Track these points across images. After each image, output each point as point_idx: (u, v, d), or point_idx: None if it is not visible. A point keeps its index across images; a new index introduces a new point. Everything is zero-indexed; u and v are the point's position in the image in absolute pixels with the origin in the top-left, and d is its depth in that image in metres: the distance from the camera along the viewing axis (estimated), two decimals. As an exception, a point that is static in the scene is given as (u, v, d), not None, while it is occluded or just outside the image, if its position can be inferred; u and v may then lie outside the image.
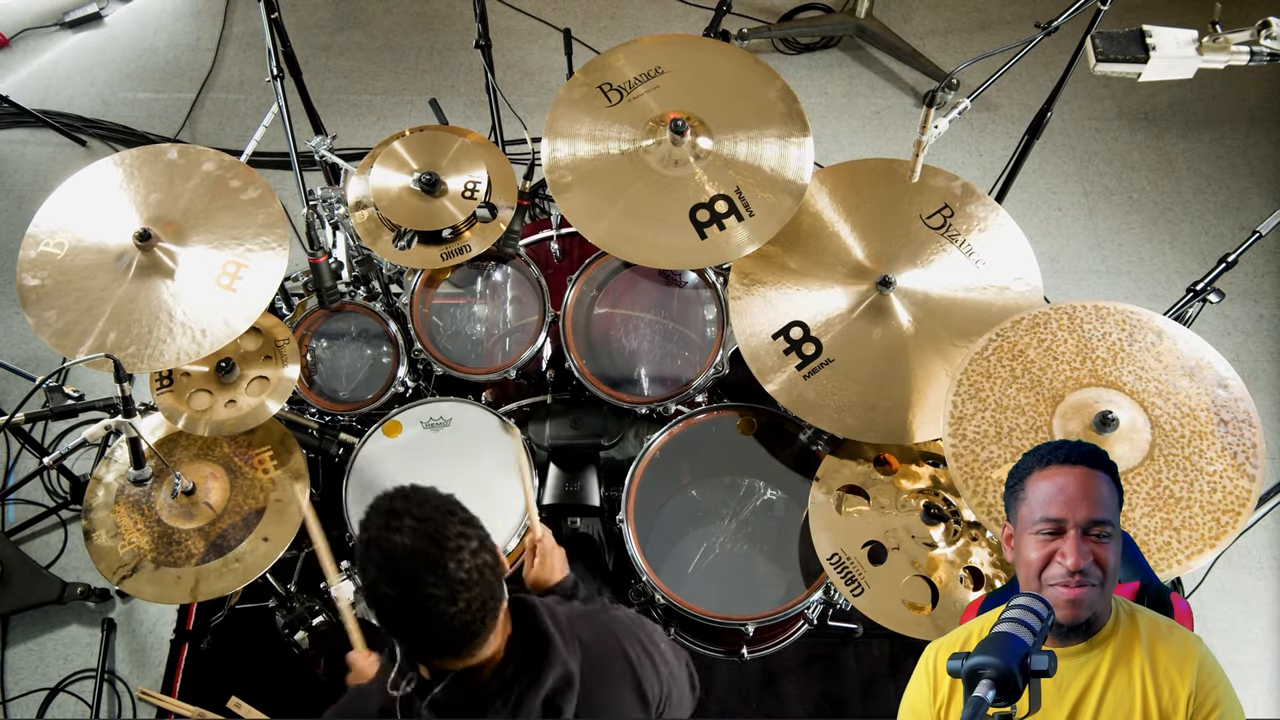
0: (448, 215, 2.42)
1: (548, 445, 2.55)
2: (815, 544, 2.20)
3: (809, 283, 2.33)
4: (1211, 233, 3.65)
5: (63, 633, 2.90)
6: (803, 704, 2.70)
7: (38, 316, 2.16)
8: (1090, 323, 2.02)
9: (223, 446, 2.37)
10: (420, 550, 1.25)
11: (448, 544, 1.25)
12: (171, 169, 2.32)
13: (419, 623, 1.27)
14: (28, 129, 3.90)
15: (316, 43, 4.17)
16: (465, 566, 1.26)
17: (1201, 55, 1.97)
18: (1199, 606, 2.89)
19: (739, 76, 2.46)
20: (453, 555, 1.25)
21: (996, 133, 3.90)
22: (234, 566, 2.23)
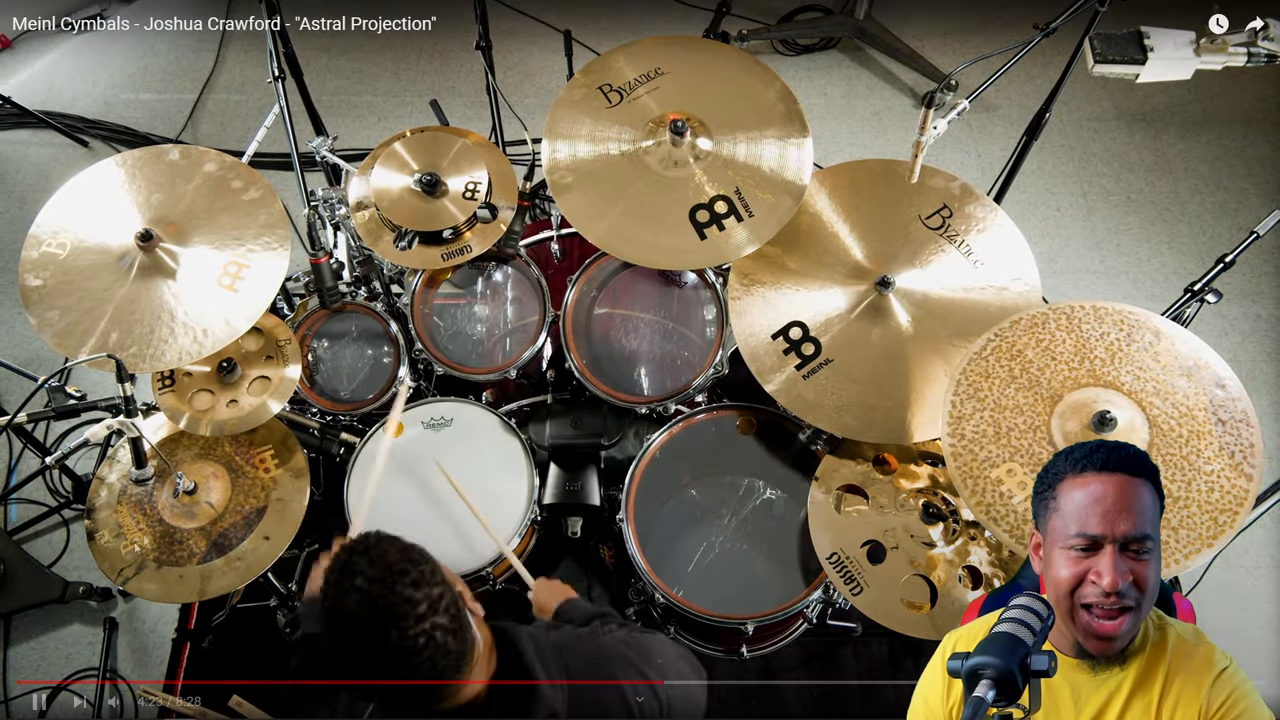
0: (448, 216, 2.43)
1: (548, 445, 2.55)
2: (814, 543, 2.20)
3: (808, 283, 2.34)
4: (1209, 233, 3.65)
5: (65, 632, 2.90)
6: (802, 703, 2.71)
7: (40, 316, 2.17)
8: (1088, 323, 2.02)
9: (224, 446, 2.38)
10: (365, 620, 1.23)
11: (392, 611, 1.22)
12: (173, 170, 2.33)
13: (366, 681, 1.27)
14: (30, 130, 3.91)
15: (317, 44, 4.17)
16: (410, 633, 1.23)
17: (1199, 56, 1.98)
18: (1196, 606, 2.87)
19: (738, 78, 2.46)
20: (397, 624, 1.22)
21: (995, 133, 3.91)
22: (235, 565, 2.23)
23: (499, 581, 2.38)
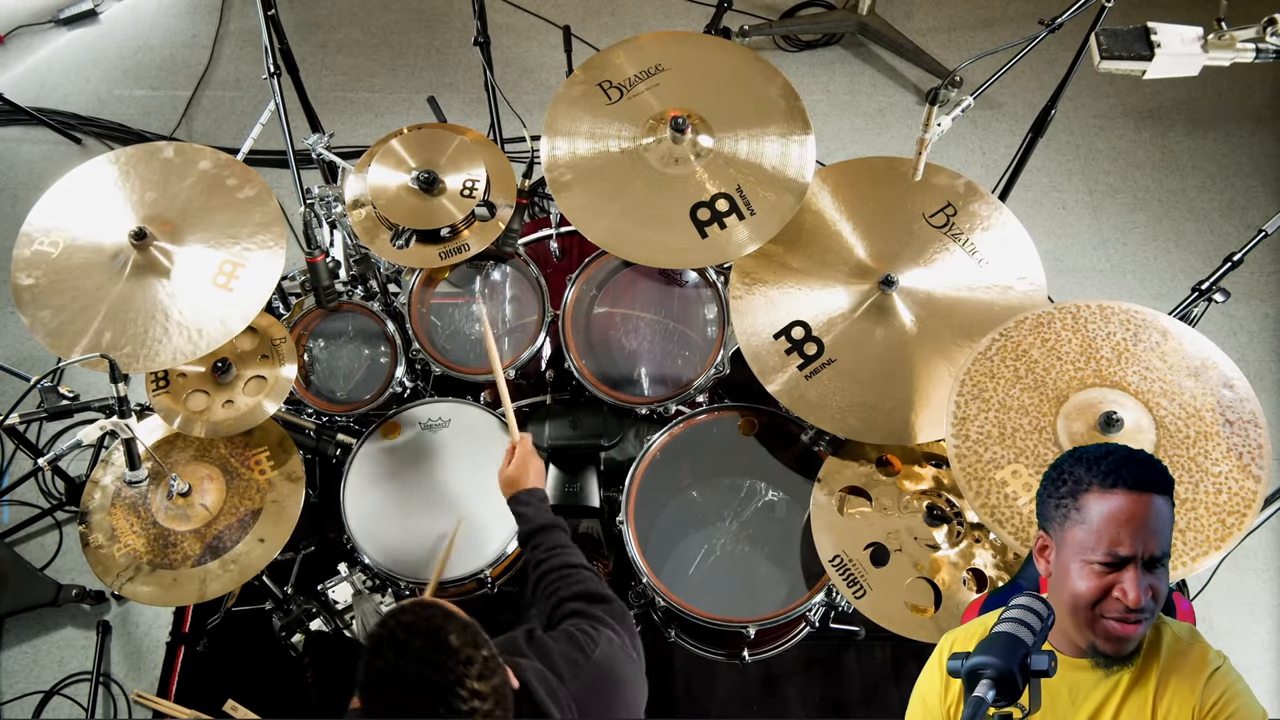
0: (446, 214, 2.40)
1: (547, 446, 2.53)
2: (817, 545, 2.18)
3: (811, 282, 2.31)
4: (1217, 231, 3.63)
5: (58, 635, 2.88)
6: (804, 707, 2.69)
7: (32, 316, 2.14)
8: (1095, 322, 2.00)
9: (219, 448, 2.35)
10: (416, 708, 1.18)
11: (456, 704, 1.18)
12: (167, 167, 2.31)
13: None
14: (22, 127, 3.88)
15: (314, 40, 4.15)
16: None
17: (1207, 52, 1.95)
18: (1204, 609, 2.87)
19: (740, 74, 2.43)
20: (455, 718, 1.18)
21: (1000, 131, 3.88)
22: (230, 568, 2.21)
23: (496, 585, 2.36)
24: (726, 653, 2.47)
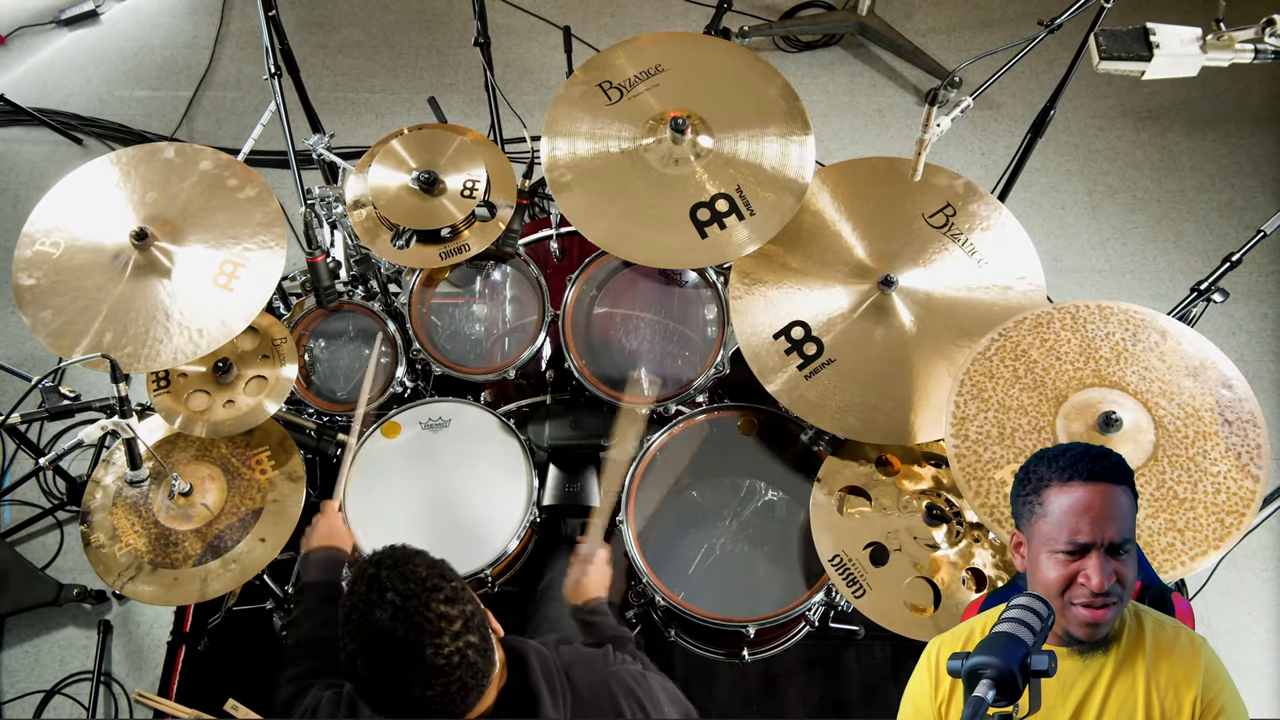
0: (446, 214, 2.41)
1: (547, 446, 2.53)
2: (817, 545, 2.18)
3: (810, 282, 2.31)
4: (1215, 232, 3.63)
5: (59, 635, 2.88)
6: (804, 706, 2.69)
7: (34, 316, 2.14)
8: (1094, 322, 2.01)
9: (220, 447, 2.35)
10: (399, 636, 1.22)
11: (428, 627, 1.22)
12: (168, 167, 2.31)
13: (393, 702, 1.25)
14: (23, 127, 3.88)
15: (314, 40, 4.15)
16: (445, 651, 1.23)
17: (1206, 53, 1.95)
18: (1203, 608, 2.87)
19: (740, 74, 2.44)
20: (432, 640, 1.22)
21: (999, 131, 3.88)
22: (231, 567, 2.21)
23: (496, 584, 2.36)
24: (726, 652, 2.47)
